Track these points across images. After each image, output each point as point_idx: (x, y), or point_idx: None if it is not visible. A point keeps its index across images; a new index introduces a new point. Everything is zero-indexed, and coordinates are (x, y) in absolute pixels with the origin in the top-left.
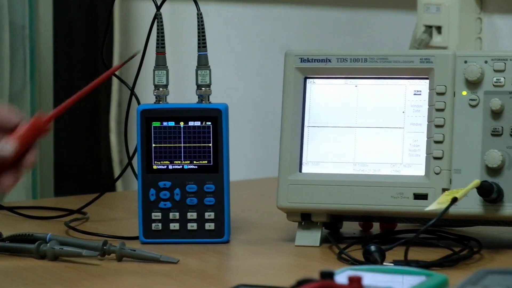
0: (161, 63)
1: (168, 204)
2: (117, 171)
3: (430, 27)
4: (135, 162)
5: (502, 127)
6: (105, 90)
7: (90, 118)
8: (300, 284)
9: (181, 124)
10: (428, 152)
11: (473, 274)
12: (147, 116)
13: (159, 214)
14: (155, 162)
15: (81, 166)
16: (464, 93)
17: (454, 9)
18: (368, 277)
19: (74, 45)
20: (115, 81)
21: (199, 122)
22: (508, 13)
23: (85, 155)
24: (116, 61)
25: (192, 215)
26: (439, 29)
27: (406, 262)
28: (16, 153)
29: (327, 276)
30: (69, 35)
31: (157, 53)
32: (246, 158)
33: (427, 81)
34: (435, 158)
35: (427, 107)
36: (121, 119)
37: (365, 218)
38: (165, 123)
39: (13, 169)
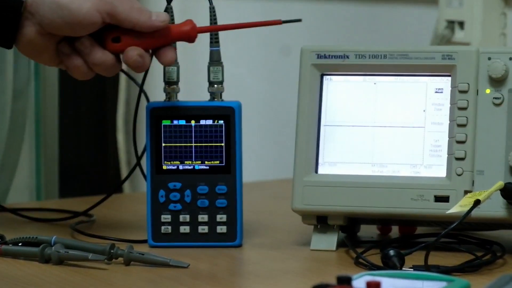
0: None
1: (178, 206)
2: (124, 172)
3: (452, 22)
4: (144, 162)
5: None
6: (113, 88)
7: (96, 116)
8: None
9: (192, 122)
10: (450, 153)
11: (496, 280)
12: (157, 114)
13: (169, 216)
14: (165, 162)
15: (87, 166)
16: (488, 91)
17: (477, 3)
18: (387, 282)
19: None
20: (123, 78)
21: (211, 121)
22: None
23: (91, 155)
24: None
25: (203, 217)
26: (461, 24)
27: (426, 267)
28: (165, 31)
29: (344, 281)
30: None
31: None
32: (260, 158)
33: (449, 78)
34: (457, 158)
35: (449, 105)
36: (129, 118)
37: (383, 221)
38: (175, 122)
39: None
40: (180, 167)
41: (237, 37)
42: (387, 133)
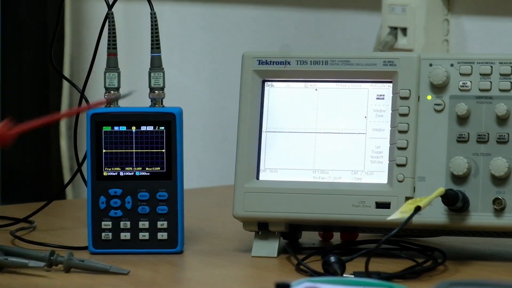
0: (112, 64)
1: (119, 213)
2: (67, 178)
3: (395, 28)
4: (85, 168)
5: (468, 133)
6: (56, 94)
7: None
8: None
9: (133, 128)
10: (391, 159)
11: (435, 286)
12: (98, 120)
13: (110, 223)
14: (106, 168)
15: (30, 172)
16: (429, 97)
17: (420, 10)
18: None
19: (24, 46)
20: (65, 84)
21: (152, 127)
22: (476, 15)
23: (34, 161)
24: (66, 63)
25: (144, 224)
26: (404, 30)
27: (367, 273)
28: None
29: (283, 287)
30: (18, 36)
31: (109, 54)
32: (201, 165)
33: (391, 84)
34: (398, 165)
35: (391, 112)
36: (72, 124)
37: (325, 227)
38: (116, 128)
39: None
40: (121, 174)
41: (180, 44)
42: (328, 139)
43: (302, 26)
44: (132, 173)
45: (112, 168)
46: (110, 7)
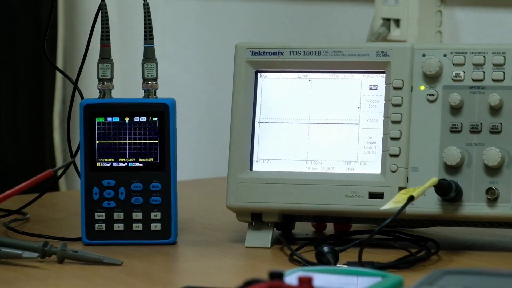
0: (105, 56)
1: (112, 204)
2: (60, 171)
3: (388, 20)
4: (79, 160)
5: (461, 123)
6: (49, 86)
7: (33, 115)
8: (248, 284)
9: (126, 119)
10: (384, 149)
11: (429, 275)
12: (91, 111)
13: (103, 214)
14: (99, 159)
15: (23, 165)
16: (422, 87)
17: (413, 1)
18: (320, 278)
19: (17, 38)
20: (59, 76)
21: (145, 118)
22: (469, 6)
23: (27, 153)
24: (60, 55)
25: (137, 215)
26: (397, 22)
27: (361, 263)
28: None
29: (276, 276)
30: (12, 27)
31: (102, 45)
32: (195, 156)
33: (384, 75)
34: (392, 155)
35: (384, 102)
36: (66, 117)
37: (318, 218)
38: (109, 119)
39: None
40: (114, 165)
41: (173, 36)
42: (321, 130)
43: (295, 18)
44: (126, 164)
45: (106, 159)
46: None
